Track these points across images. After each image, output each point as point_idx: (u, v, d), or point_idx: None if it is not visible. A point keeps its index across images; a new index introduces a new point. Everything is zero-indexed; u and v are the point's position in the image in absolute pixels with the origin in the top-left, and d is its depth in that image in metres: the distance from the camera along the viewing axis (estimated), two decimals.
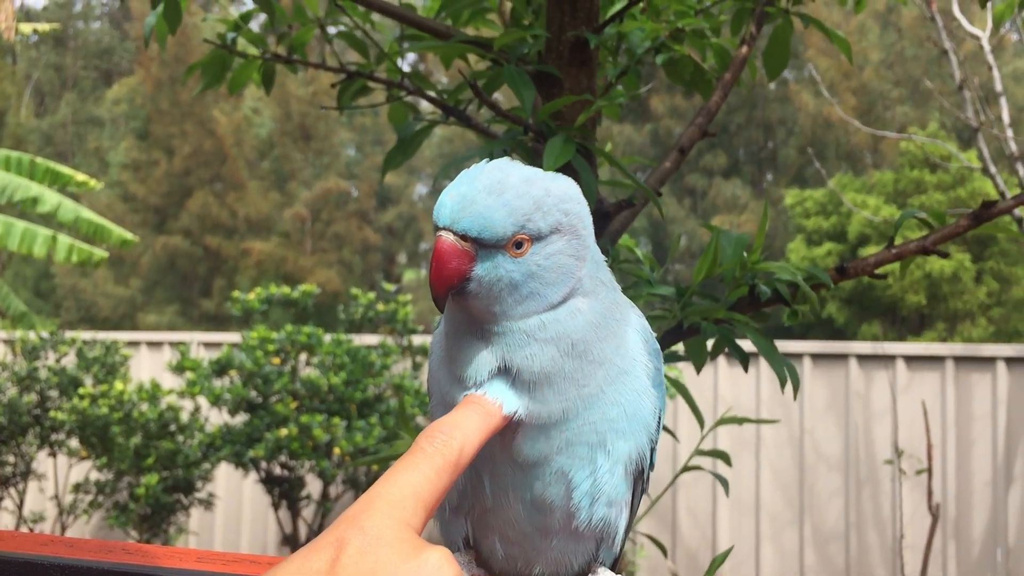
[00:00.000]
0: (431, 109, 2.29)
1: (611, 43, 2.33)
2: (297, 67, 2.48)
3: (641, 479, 0.98)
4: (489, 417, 0.85)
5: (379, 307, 6.98)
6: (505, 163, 0.88)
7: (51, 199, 8.25)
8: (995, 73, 7.06)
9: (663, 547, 2.22)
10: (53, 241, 8.08)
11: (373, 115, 21.41)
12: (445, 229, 0.84)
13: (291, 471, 6.43)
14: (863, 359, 6.89)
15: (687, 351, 1.87)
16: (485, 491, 0.92)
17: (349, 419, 6.32)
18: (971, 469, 6.63)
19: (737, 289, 1.81)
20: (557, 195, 0.88)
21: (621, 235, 2.05)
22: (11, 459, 6.74)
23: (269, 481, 6.45)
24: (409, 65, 2.41)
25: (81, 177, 8.81)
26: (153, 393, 6.59)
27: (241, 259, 21.34)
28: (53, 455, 6.73)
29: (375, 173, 23.60)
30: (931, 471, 5.73)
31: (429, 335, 7.17)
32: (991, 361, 6.65)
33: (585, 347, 0.88)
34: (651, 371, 0.95)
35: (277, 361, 6.51)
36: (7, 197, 8.13)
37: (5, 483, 6.73)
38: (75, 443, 6.76)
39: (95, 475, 6.92)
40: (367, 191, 23.86)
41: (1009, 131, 6.89)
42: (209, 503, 6.76)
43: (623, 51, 2.35)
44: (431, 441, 0.80)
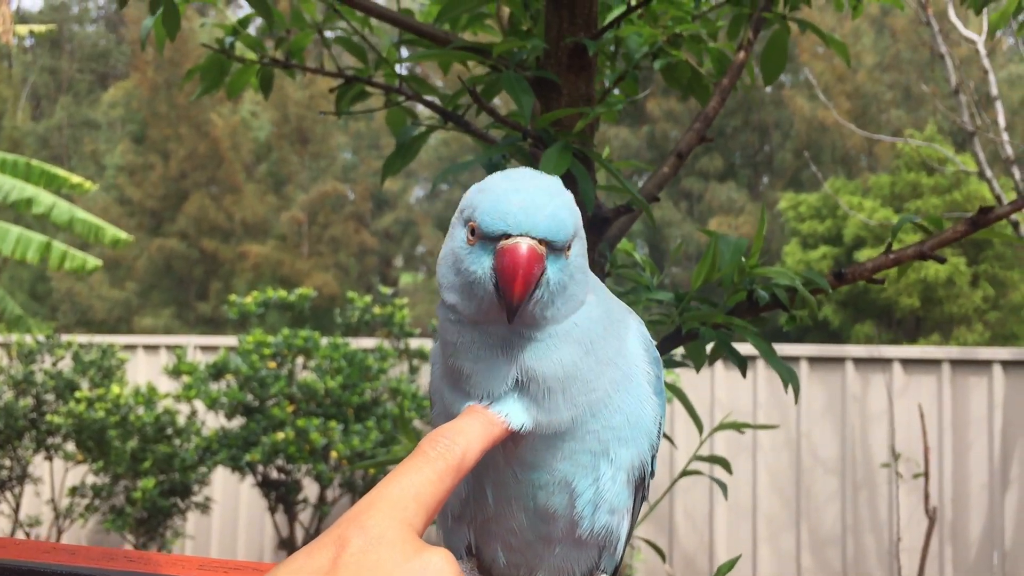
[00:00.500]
0: (429, 114, 2.29)
1: (609, 48, 2.33)
2: (295, 72, 2.48)
3: (642, 486, 0.98)
4: (491, 426, 0.84)
5: (376, 310, 6.98)
6: (529, 169, 0.89)
7: (46, 200, 8.25)
8: (991, 77, 7.08)
9: (661, 551, 2.22)
10: (47, 248, 8.08)
11: (368, 120, 21.42)
12: (520, 236, 0.82)
13: (288, 475, 6.42)
14: (859, 362, 6.90)
15: (687, 352, 1.87)
16: (488, 500, 0.92)
17: (346, 423, 6.31)
18: (967, 472, 6.64)
19: (735, 294, 1.81)
20: (572, 198, 0.89)
21: (620, 240, 2.05)
22: (7, 463, 6.73)
23: (266, 485, 6.44)
24: (406, 69, 2.41)
25: (76, 179, 8.81)
26: (149, 397, 6.58)
27: (238, 262, 21.32)
28: (49, 459, 6.71)
29: (372, 177, 23.60)
30: (928, 474, 5.74)
31: (426, 338, 7.19)
32: (987, 364, 6.66)
33: (599, 345, 0.88)
34: (652, 378, 0.95)
35: (273, 365, 6.50)
36: (2, 198, 8.13)
37: (1, 487, 6.72)
38: (71, 447, 6.75)
39: (91, 479, 6.91)
40: (364, 194, 23.85)
41: (1005, 135, 6.91)
42: (206, 507, 6.75)
43: (621, 56, 2.35)
44: (434, 445, 0.80)
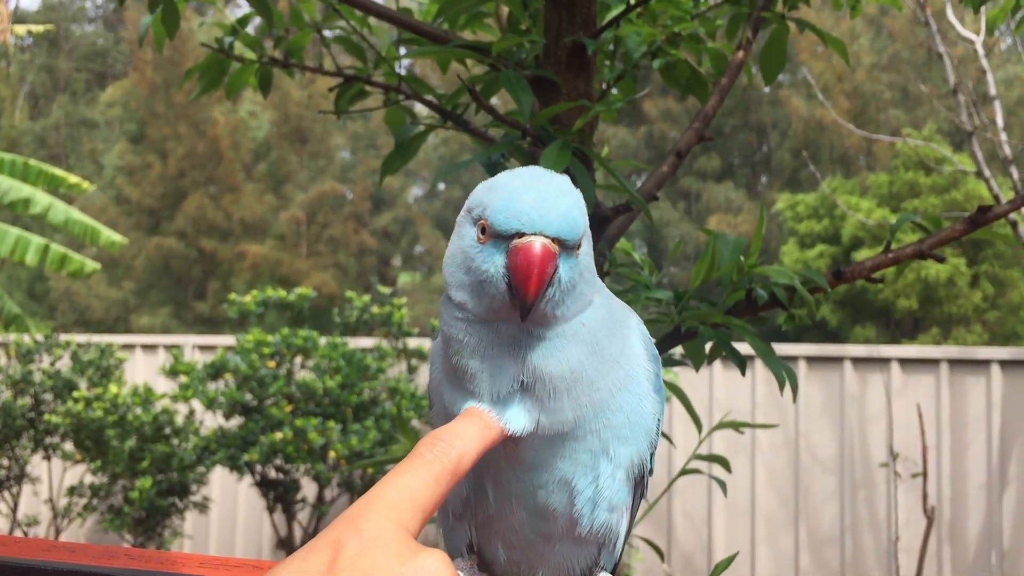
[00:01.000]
0: (428, 113, 2.29)
1: (608, 48, 2.33)
2: (294, 71, 2.48)
3: (641, 484, 0.98)
4: (488, 430, 0.85)
5: (374, 310, 6.98)
6: (539, 168, 0.89)
7: (42, 200, 8.25)
8: (989, 77, 7.09)
9: (659, 550, 2.22)
10: (45, 250, 8.08)
11: (366, 118, 21.41)
12: (535, 234, 0.82)
13: (286, 474, 6.42)
14: (858, 362, 6.91)
15: (686, 352, 1.87)
16: (488, 498, 0.93)
17: (344, 422, 6.31)
18: (966, 472, 6.65)
19: (734, 293, 1.81)
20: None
21: (619, 239, 2.05)
22: (5, 462, 6.72)
23: (264, 484, 6.44)
24: (405, 69, 2.41)
25: (74, 179, 8.81)
26: (147, 396, 6.58)
27: (236, 262, 21.31)
28: (48, 458, 6.71)
29: (370, 176, 23.60)
30: (926, 474, 5.74)
31: (424, 338, 7.19)
32: (985, 364, 6.67)
33: (603, 344, 0.89)
34: (651, 376, 0.95)
35: (272, 364, 6.50)
36: None
37: None
38: (69, 446, 6.75)
39: (89, 478, 6.91)
40: (362, 194, 23.84)
41: (1003, 135, 6.92)
42: (204, 507, 6.75)
43: (620, 56, 2.35)
44: (431, 448, 0.80)
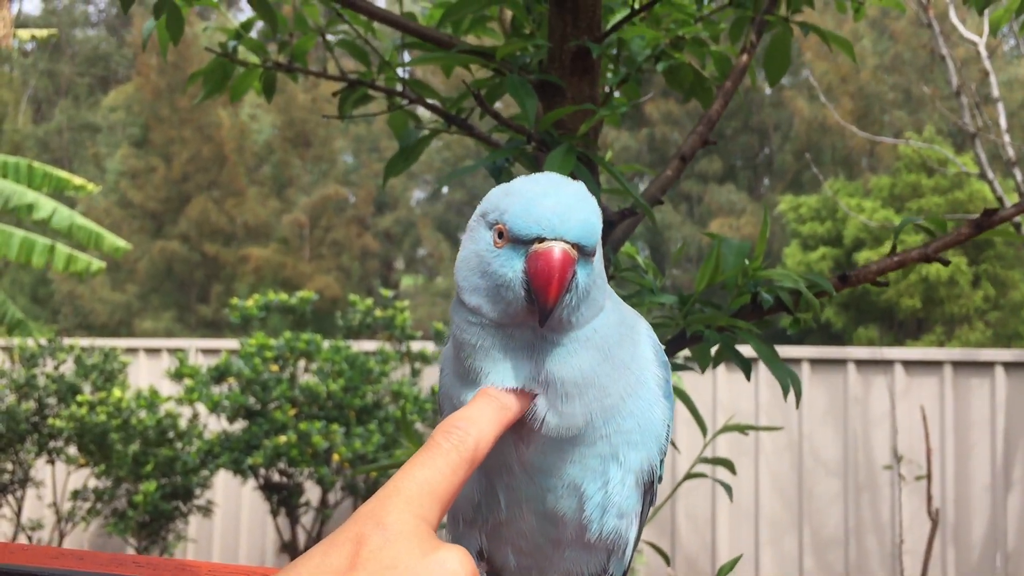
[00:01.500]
0: (431, 117, 2.29)
1: (611, 52, 2.33)
2: (298, 75, 2.48)
3: (651, 490, 0.98)
4: (504, 410, 0.84)
5: (377, 313, 6.98)
6: (554, 174, 0.89)
7: (46, 206, 8.26)
8: (992, 78, 7.08)
9: (665, 554, 2.22)
10: (51, 251, 8.09)
11: (368, 123, 21.42)
12: (555, 240, 0.82)
13: (290, 478, 6.42)
14: (861, 364, 6.90)
15: (691, 356, 1.87)
16: (499, 503, 0.93)
17: (348, 426, 6.31)
18: (970, 474, 6.63)
19: (739, 297, 1.81)
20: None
21: (623, 243, 2.05)
22: (9, 466, 6.72)
23: (268, 488, 6.43)
24: (408, 73, 2.41)
25: (79, 181, 8.82)
26: (151, 400, 6.58)
27: (239, 265, 21.33)
28: (51, 462, 6.71)
29: (373, 179, 23.61)
30: (930, 476, 5.73)
31: (427, 341, 7.19)
32: (990, 366, 6.65)
33: (615, 351, 0.89)
34: (661, 381, 0.95)
35: (276, 368, 6.50)
36: (3, 203, 8.14)
37: (3, 491, 6.71)
38: (73, 450, 6.75)
39: (93, 482, 6.91)
40: (365, 197, 23.86)
41: (1006, 136, 6.91)
42: (208, 510, 6.75)
43: (623, 59, 2.35)
44: (447, 436, 0.80)
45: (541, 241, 0.82)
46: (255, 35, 2.55)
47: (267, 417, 6.29)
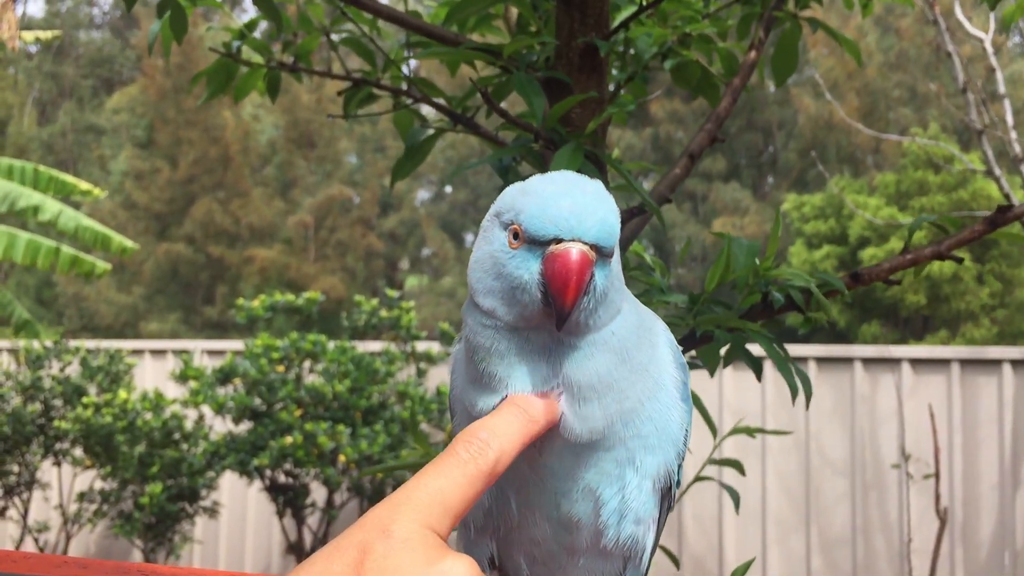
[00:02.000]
0: (437, 116, 2.28)
1: (618, 49, 2.31)
2: (302, 75, 2.47)
3: (668, 495, 0.96)
4: (532, 424, 0.81)
5: (382, 314, 6.97)
6: (571, 173, 0.87)
7: (52, 207, 8.26)
8: (998, 75, 7.05)
9: (675, 558, 2.20)
10: (56, 253, 8.09)
11: (373, 123, 21.43)
12: (572, 241, 0.80)
13: (296, 479, 6.41)
14: (868, 362, 6.87)
15: (700, 356, 1.85)
16: (511, 509, 0.90)
17: (354, 426, 6.30)
18: (978, 472, 6.60)
19: (750, 296, 1.79)
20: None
21: (631, 242, 2.03)
22: (15, 469, 6.72)
23: (274, 489, 6.43)
24: (412, 71, 2.39)
25: (85, 186, 8.83)
26: (157, 402, 6.58)
27: (244, 266, 21.35)
28: (57, 464, 6.71)
29: (377, 179, 23.62)
30: (938, 475, 5.70)
31: (432, 341, 7.18)
32: (997, 364, 6.62)
33: (633, 354, 0.87)
34: (679, 384, 0.93)
35: (281, 369, 6.49)
36: (8, 205, 8.14)
37: (10, 493, 6.71)
38: (79, 452, 6.75)
39: (99, 484, 6.91)
40: (370, 198, 23.87)
41: (1013, 133, 6.88)
42: (214, 512, 6.74)
43: (630, 57, 2.33)
44: (467, 447, 0.77)
45: (558, 242, 0.80)
46: (259, 35, 2.54)
47: (273, 418, 6.29)
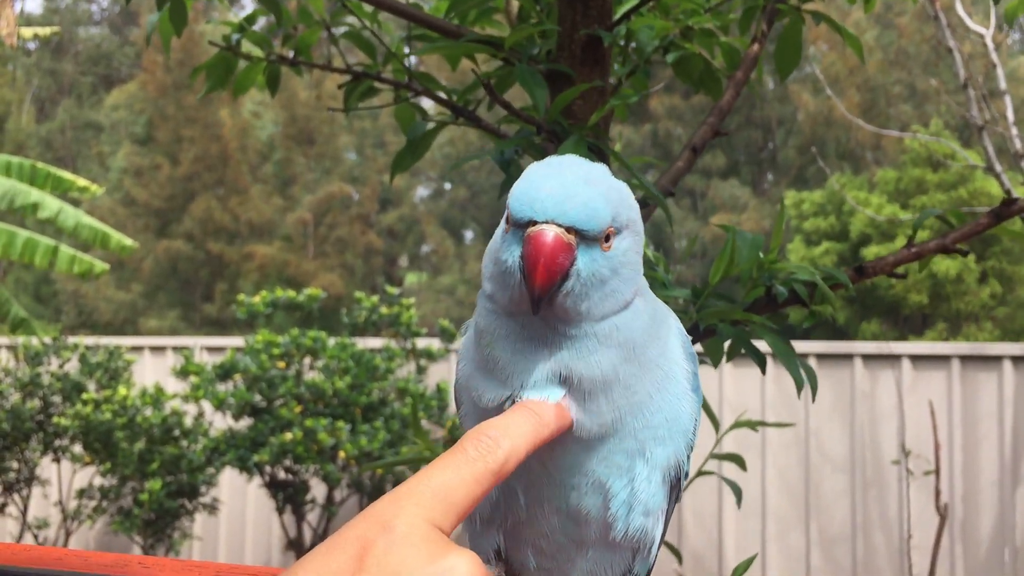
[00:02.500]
0: (438, 110, 2.27)
1: (620, 42, 2.30)
2: (302, 69, 2.46)
3: (677, 487, 0.95)
4: (543, 428, 0.80)
5: (383, 310, 6.96)
6: (577, 157, 0.85)
7: (52, 205, 8.24)
8: (999, 71, 7.04)
9: (677, 552, 2.19)
10: (54, 252, 8.07)
11: (374, 118, 21.42)
12: (546, 222, 0.79)
13: (295, 475, 6.41)
14: (868, 359, 6.86)
15: (704, 350, 1.85)
16: (519, 502, 0.89)
17: (354, 423, 6.29)
18: (978, 469, 6.60)
19: (754, 290, 1.78)
20: (624, 190, 0.85)
21: None
22: (15, 465, 6.72)
23: (273, 485, 6.42)
24: (412, 61, 2.38)
25: (83, 183, 8.81)
26: (156, 398, 6.57)
27: (244, 263, 21.34)
28: (57, 461, 6.70)
29: (377, 175, 23.61)
30: (938, 471, 5.70)
31: (433, 338, 7.17)
32: (997, 360, 6.62)
33: (641, 350, 0.85)
34: (689, 375, 0.92)
35: (282, 365, 6.49)
36: (7, 203, 8.12)
37: (9, 489, 6.71)
38: (79, 449, 6.74)
39: (99, 481, 6.90)
40: (369, 194, 23.86)
41: (1014, 129, 6.87)
42: (213, 508, 6.74)
43: (632, 50, 2.32)
44: (476, 445, 0.76)
45: (535, 224, 0.79)
46: (259, 29, 2.52)
47: (273, 414, 6.28)
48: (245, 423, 6.52)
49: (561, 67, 1.93)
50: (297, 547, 6.62)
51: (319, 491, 6.90)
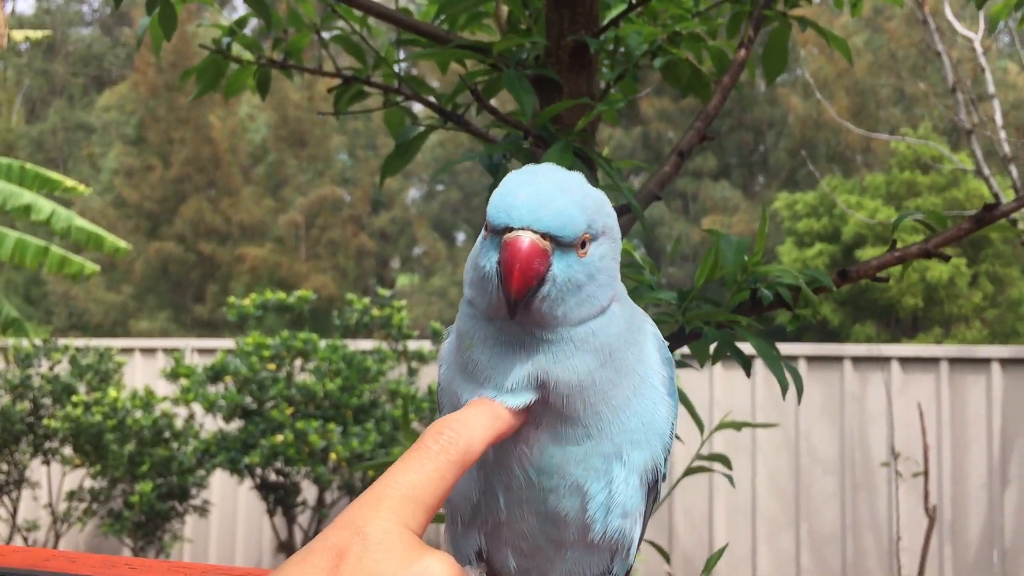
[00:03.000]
0: (427, 114, 2.28)
1: (608, 47, 2.32)
2: (293, 72, 2.47)
3: (655, 489, 0.96)
4: (498, 420, 0.82)
5: (374, 312, 6.96)
6: (553, 165, 0.87)
7: (44, 207, 8.23)
8: (988, 76, 7.08)
9: (664, 552, 2.21)
10: (45, 253, 8.06)
11: (366, 119, 21.41)
12: (522, 229, 0.81)
13: (286, 477, 6.40)
14: (858, 361, 6.89)
15: (691, 352, 1.86)
16: (499, 504, 0.90)
17: (345, 425, 6.29)
18: (967, 471, 6.63)
19: (739, 293, 1.80)
20: (600, 198, 0.87)
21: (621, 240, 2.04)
22: (4, 467, 6.70)
23: (264, 488, 6.42)
24: (403, 68, 2.39)
25: (70, 183, 8.79)
26: (147, 400, 6.56)
27: (235, 265, 21.31)
28: (47, 463, 6.69)
29: (369, 178, 23.59)
30: (927, 473, 5.72)
31: (424, 340, 7.17)
32: (986, 363, 6.66)
33: (618, 355, 0.87)
34: (665, 379, 0.93)
35: (272, 367, 6.48)
36: (0, 203, 8.10)
37: None
38: (69, 451, 6.73)
39: (89, 483, 6.89)
40: (361, 196, 23.84)
41: (1002, 133, 6.91)
42: (204, 510, 6.73)
43: (621, 55, 2.34)
44: (436, 439, 0.78)
45: (511, 231, 0.81)
46: (249, 32, 2.53)
47: (264, 416, 6.28)
48: (236, 425, 6.52)
49: (549, 73, 1.95)
50: (288, 549, 6.62)
51: (310, 493, 6.89)
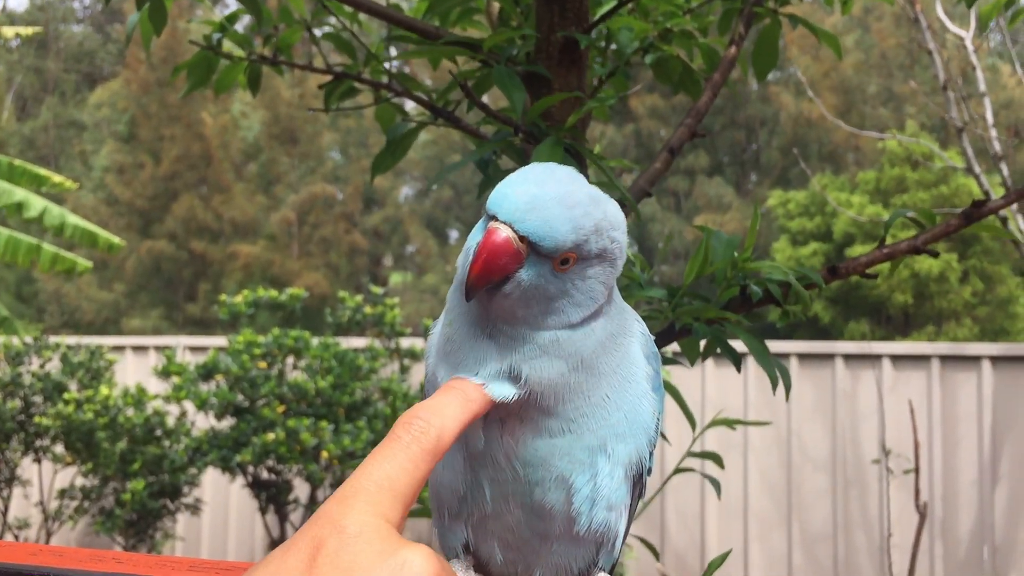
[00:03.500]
0: (418, 110, 2.28)
1: (599, 44, 2.32)
2: (283, 69, 2.46)
3: (640, 483, 0.97)
4: (469, 402, 0.82)
5: (366, 310, 6.96)
6: (573, 173, 0.86)
7: (36, 204, 8.19)
8: (979, 74, 7.10)
9: (655, 549, 2.21)
10: (36, 250, 8.03)
11: (358, 117, 21.38)
12: (504, 223, 0.81)
13: (278, 475, 6.40)
14: (849, 359, 6.91)
15: (680, 349, 1.86)
16: (485, 497, 0.91)
17: (337, 423, 6.29)
18: (958, 468, 6.65)
19: (728, 289, 1.80)
20: (612, 221, 0.86)
21: None
22: None
23: (256, 485, 6.41)
24: (394, 65, 2.39)
25: (58, 179, 8.75)
26: (139, 398, 6.54)
27: (227, 263, 21.27)
28: (38, 461, 6.67)
29: (361, 175, 23.57)
30: (918, 470, 5.74)
31: (417, 338, 7.17)
32: (976, 360, 6.68)
33: (594, 361, 0.87)
34: (650, 375, 0.94)
35: (264, 365, 6.47)
36: None
37: None
38: (60, 449, 6.71)
39: (80, 481, 6.87)
40: (353, 194, 23.81)
41: (993, 131, 6.93)
42: (196, 508, 6.72)
43: (611, 51, 2.34)
44: (408, 429, 0.78)
45: (496, 221, 0.82)
46: (240, 28, 2.53)
47: (255, 414, 6.27)
48: (227, 423, 6.51)
49: (539, 69, 1.95)
50: None
51: (302, 491, 6.89)
